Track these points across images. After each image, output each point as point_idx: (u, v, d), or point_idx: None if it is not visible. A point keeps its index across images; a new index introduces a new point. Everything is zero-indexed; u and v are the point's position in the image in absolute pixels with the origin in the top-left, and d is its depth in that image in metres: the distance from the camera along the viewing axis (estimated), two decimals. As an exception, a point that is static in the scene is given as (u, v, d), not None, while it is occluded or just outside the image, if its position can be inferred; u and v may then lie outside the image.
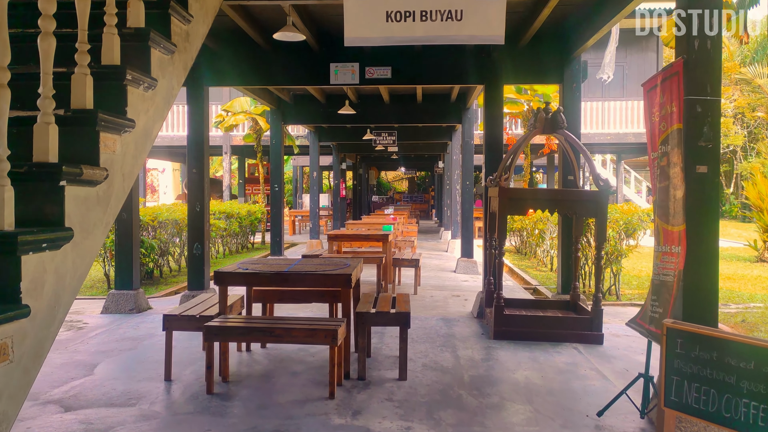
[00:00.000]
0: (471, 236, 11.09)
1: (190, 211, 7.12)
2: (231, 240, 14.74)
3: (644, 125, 4.53)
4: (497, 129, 7.19)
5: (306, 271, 4.63)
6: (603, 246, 5.92)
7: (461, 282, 9.89)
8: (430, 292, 8.73)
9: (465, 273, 10.86)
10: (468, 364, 5.13)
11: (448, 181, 18.28)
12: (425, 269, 11.30)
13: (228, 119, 16.05)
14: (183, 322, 4.58)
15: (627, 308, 7.97)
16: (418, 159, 28.27)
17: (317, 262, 5.20)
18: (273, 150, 11.17)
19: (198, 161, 7.12)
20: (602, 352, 5.56)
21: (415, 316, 6.93)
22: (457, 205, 15.19)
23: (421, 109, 11.24)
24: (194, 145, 7.14)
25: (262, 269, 4.70)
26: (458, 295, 8.56)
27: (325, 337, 4.17)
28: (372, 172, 35.82)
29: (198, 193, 7.11)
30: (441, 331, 6.31)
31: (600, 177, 5.88)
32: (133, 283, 7.11)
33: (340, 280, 4.56)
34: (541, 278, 10.81)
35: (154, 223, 9.85)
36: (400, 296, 5.40)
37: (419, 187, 42.04)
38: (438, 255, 14.00)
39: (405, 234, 14.34)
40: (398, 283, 9.39)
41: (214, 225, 12.54)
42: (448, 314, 7.18)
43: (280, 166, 11.14)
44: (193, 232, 7.12)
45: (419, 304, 7.80)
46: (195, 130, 7.16)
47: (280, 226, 11.10)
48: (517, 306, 6.77)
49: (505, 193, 5.92)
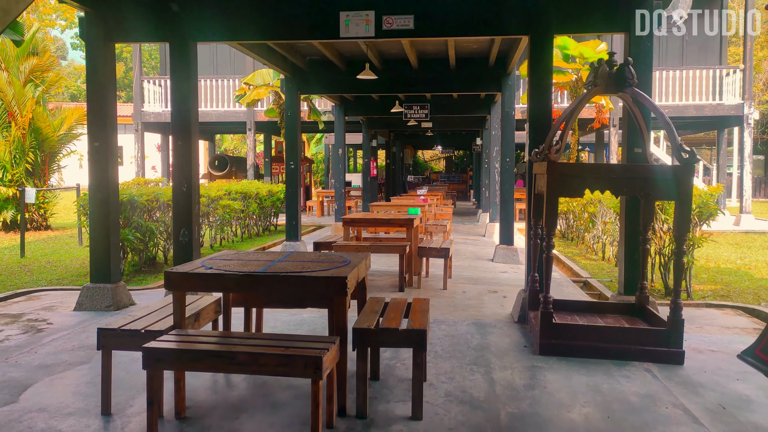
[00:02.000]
0: (511, 220, 9.75)
1: (176, 190, 6.01)
2: (250, 222, 13.72)
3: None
4: (544, 94, 5.83)
5: (285, 272, 3.43)
6: (686, 237, 4.55)
7: (499, 273, 8.58)
8: (462, 287, 7.46)
9: (504, 262, 9.54)
10: (506, 393, 3.87)
11: (487, 160, 16.85)
12: (459, 257, 10.02)
13: (250, 93, 14.95)
14: (124, 338, 3.44)
15: (703, 310, 6.56)
16: (454, 136, 26.76)
17: (310, 258, 4.00)
18: (288, 123, 10.00)
19: (183, 132, 5.99)
20: (685, 377, 4.23)
21: (441, 320, 5.69)
22: (496, 185, 13.81)
23: (455, 75, 9.87)
24: (178, 113, 6.00)
25: (230, 269, 3.52)
26: (495, 290, 7.27)
27: (305, 367, 2.98)
28: (407, 151, 34.44)
29: (184, 170, 5.99)
30: (472, 341, 5.05)
31: (683, 147, 4.49)
32: (111, 276, 6.06)
33: (331, 286, 3.35)
34: (592, 269, 9.42)
35: (154, 204, 8.82)
36: (416, 303, 4.16)
37: (457, 167, 40.46)
38: (474, 240, 12.68)
39: (438, 216, 13.03)
40: (426, 274, 8.15)
41: (229, 206, 11.49)
42: (482, 317, 5.91)
43: (296, 140, 9.96)
44: (180, 216, 6.01)
45: (448, 302, 6.55)
46: (180, 95, 6.02)
47: (296, 209, 9.96)
48: (568, 309, 5.46)
49: (555, 168, 4.59)
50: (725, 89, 16.93)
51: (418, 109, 13.56)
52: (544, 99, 5.82)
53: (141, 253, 8.73)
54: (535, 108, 5.83)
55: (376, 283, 7.59)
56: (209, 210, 11.06)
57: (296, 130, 9.96)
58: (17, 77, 13.02)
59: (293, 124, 9.96)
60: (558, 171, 4.59)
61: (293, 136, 9.98)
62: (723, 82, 16.96)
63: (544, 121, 5.80)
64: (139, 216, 8.32)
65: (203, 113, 18.30)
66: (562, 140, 4.74)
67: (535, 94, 5.84)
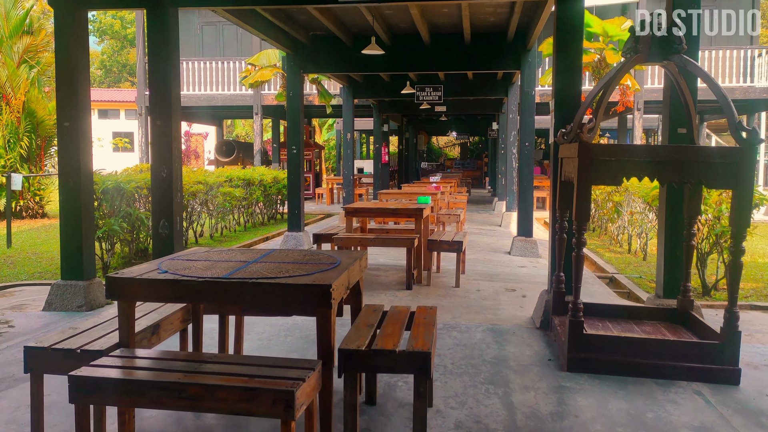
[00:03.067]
0: (529, 210, 9.00)
1: (154, 177, 5.34)
2: (255, 210, 13.09)
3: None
4: (573, 68, 5.06)
5: (255, 279, 2.75)
6: (745, 232, 3.80)
7: (517, 268, 7.85)
8: (476, 284, 6.75)
9: (522, 255, 8.81)
10: (530, 425, 3.18)
11: (503, 145, 16.05)
12: (474, 249, 9.30)
13: (253, 74, 14.24)
14: (56, 360, 2.78)
15: (749, 314, 5.81)
16: (469, 121, 25.89)
17: (293, 258, 3.32)
18: (290, 104, 9.30)
19: (163, 110, 5.31)
20: (743, 402, 3.50)
21: (452, 325, 4.99)
22: (513, 172, 13.03)
23: (470, 51, 9.09)
24: (157, 89, 5.31)
25: (189, 273, 2.85)
26: (513, 288, 6.55)
27: (273, 404, 2.30)
28: (421, 137, 33.60)
29: (164, 154, 5.31)
30: (488, 352, 4.35)
31: (742, 126, 3.73)
32: (84, 271, 5.43)
33: (312, 296, 2.67)
34: (618, 263, 8.66)
35: (143, 191, 8.20)
36: (421, 313, 3.46)
37: (472, 153, 39.53)
38: (490, 231, 11.94)
39: (451, 205, 12.30)
40: (437, 269, 7.45)
41: (230, 194, 10.86)
42: (499, 321, 5.20)
43: (298, 123, 9.26)
44: (159, 206, 5.35)
45: (460, 303, 5.85)
46: (158, 67, 5.33)
47: (298, 197, 9.28)
48: (598, 314, 4.74)
49: (588, 151, 3.85)
50: (756, 71, 15.94)
51: (431, 91, 12.79)
52: (572, 71, 5.06)
53: (130, 244, 8.12)
54: (562, 76, 5.08)
55: (381, 279, 6.91)
56: (208, 198, 10.42)
57: (298, 111, 9.26)
58: (10, 57, 12.44)
59: (295, 106, 9.26)
60: (591, 154, 3.85)
61: (295, 119, 9.28)
62: (754, 63, 15.97)
63: (571, 93, 5.04)
64: (127, 204, 7.69)
65: (209, 96, 17.66)
66: (596, 117, 3.99)
67: (563, 64, 5.08)
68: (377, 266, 7.77)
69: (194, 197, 9.87)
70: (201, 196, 10.13)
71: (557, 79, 5.11)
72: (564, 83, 5.08)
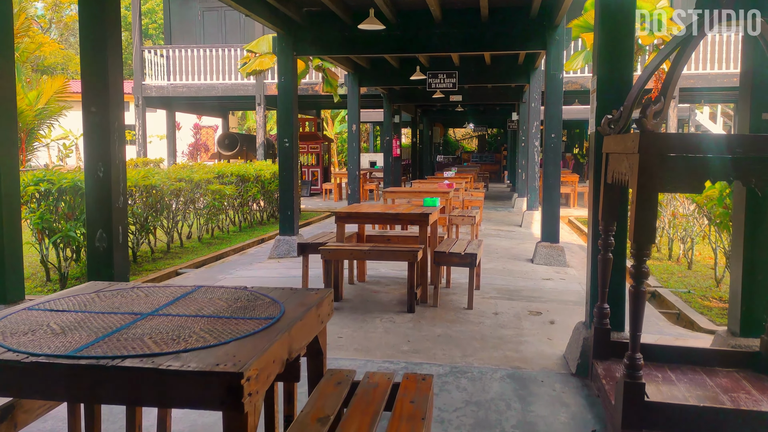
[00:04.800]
0: (555, 211, 7.82)
1: (89, 177, 4.26)
2: (253, 208, 12.03)
3: None
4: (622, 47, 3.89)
5: (121, 357, 1.64)
6: None
7: (542, 282, 6.68)
8: (493, 304, 5.60)
9: (546, 264, 7.63)
10: None
11: (524, 137, 14.81)
12: (491, 255, 8.15)
13: (252, 62, 13.15)
14: None
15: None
16: (488, 112, 24.57)
17: (218, 305, 2.21)
18: (282, 91, 8.20)
19: (97, 92, 4.22)
20: None
21: (462, 369, 3.86)
22: (535, 166, 11.81)
23: (488, 30, 7.91)
24: (89, 64, 4.22)
25: (21, 347, 1.75)
26: (539, 311, 5.39)
27: None
28: (437, 129, 32.36)
29: (101, 149, 4.23)
30: (509, 416, 3.21)
31: None
32: (8, 293, 4.38)
33: (209, 390, 1.56)
34: (659, 272, 7.46)
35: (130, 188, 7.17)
36: (408, 388, 2.33)
37: (490, 146, 38.16)
38: (509, 232, 10.75)
39: (466, 204, 11.13)
40: (446, 283, 6.31)
41: (219, 191, 9.81)
42: (522, 362, 4.06)
43: (291, 112, 8.16)
44: (95, 212, 4.28)
45: (473, 332, 4.71)
46: (90, 31, 4.22)
47: (292, 196, 8.18)
48: (653, 357, 3.58)
49: (655, 144, 2.68)
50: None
51: (444, 78, 11.60)
52: (621, 45, 3.88)
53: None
54: (606, 65, 3.90)
55: (380, 297, 5.79)
56: (194, 196, 9.38)
57: (291, 99, 8.15)
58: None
59: (288, 93, 8.15)
60: (660, 148, 2.69)
61: (288, 107, 8.18)
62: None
63: (619, 83, 3.86)
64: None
65: (209, 86, 16.64)
66: (665, 96, 2.82)
67: (609, 38, 3.90)
68: (377, 279, 6.65)
69: (177, 196, 8.84)
70: (185, 194, 9.09)
71: (600, 64, 3.92)
72: (609, 67, 3.90)
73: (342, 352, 4.19)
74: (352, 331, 4.67)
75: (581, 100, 19.72)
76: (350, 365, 3.89)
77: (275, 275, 6.99)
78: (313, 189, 19.10)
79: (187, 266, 7.87)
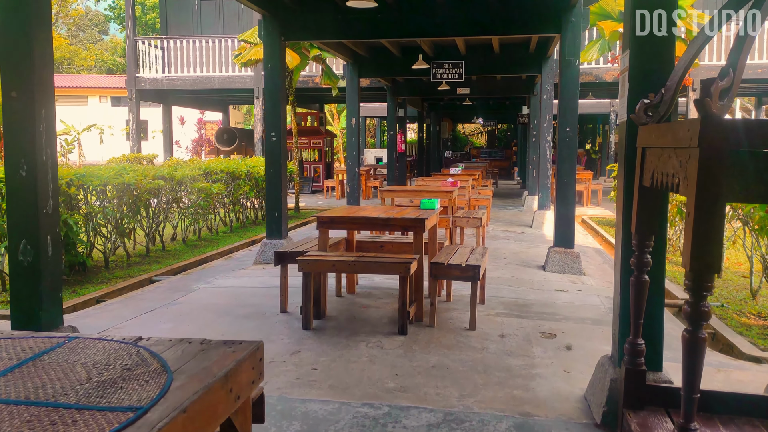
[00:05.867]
0: (570, 212, 7.03)
1: (9, 177, 3.54)
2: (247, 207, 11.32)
3: None
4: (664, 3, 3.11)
5: None
6: None
7: (555, 294, 5.90)
8: (499, 323, 4.83)
9: (560, 272, 6.85)
10: None
11: (535, 132, 13.98)
12: (498, 261, 7.38)
13: (246, 52, 12.43)
14: None
15: None
16: (497, 107, 23.71)
17: (73, 380, 1.46)
18: (268, 80, 7.45)
19: (19, 74, 3.49)
20: None
21: (458, 416, 3.10)
22: (547, 163, 11.01)
23: (497, 10, 7.11)
24: (10, 39, 3.49)
25: None
26: (553, 332, 4.61)
27: None
28: (445, 123, 31.52)
29: (23, 142, 3.50)
30: (516, 492, 2.46)
31: None
32: None
33: None
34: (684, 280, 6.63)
35: (72, 190, 6.49)
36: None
37: (500, 142, 37.25)
38: (519, 234, 9.96)
39: (473, 203, 10.36)
40: (446, 297, 5.55)
41: (205, 189, 9.09)
42: (534, 405, 3.29)
43: (278, 104, 7.41)
44: (17, 218, 3.56)
45: (474, 361, 3.95)
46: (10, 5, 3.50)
47: (279, 196, 7.44)
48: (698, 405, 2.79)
49: (722, 133, 1.91)
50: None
51: (450, 68, 10.81)
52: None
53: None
54: (640, 49, 3.12)
55: (369, 314, 5.05)
56: (176, 196, 8.67)
57: (278, 89, 7.40)
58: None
59: (274, 82, 7.41)
60: (730, 139, 1.91)
61: (275, 98, 7.43)
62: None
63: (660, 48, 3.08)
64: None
65: (205, 79, 15.93)
66: (734, 68, 2.04)
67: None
68: (369, 290, 5.91)
69: (156, 195, 8.13)
70: (166, 193, 8.38)
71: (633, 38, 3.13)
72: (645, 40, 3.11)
73: (313, 390, 3.45)
74: (331, 361, 3.93)
75: (595, 93, 18.85)
76: (321, 411, 3.15)
77: (257, 284, 6.26)
78: (315, 186, 18.37)
79: (164, 272, 7.17)
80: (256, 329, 4.62)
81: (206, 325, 4.78)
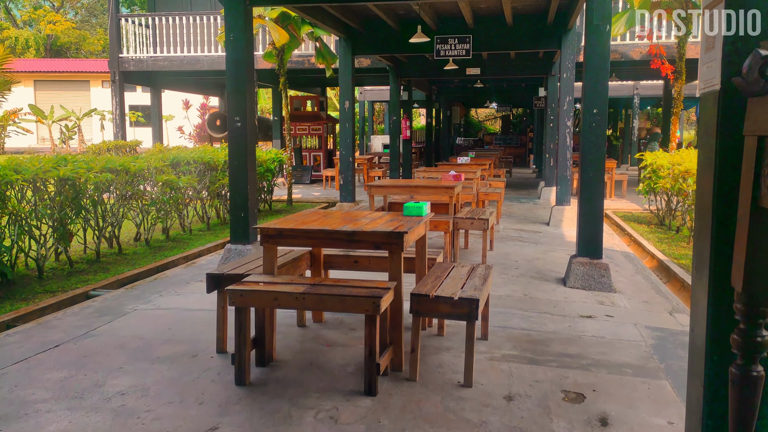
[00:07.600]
0: (598, 214, 5.71)
1: None
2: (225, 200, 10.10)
3: None
4: None
5: None
6: None
7: (580, 322, 4.60)
8: (505, 374, 3.56)
9: (585, 288, 5.55)
10: None
11: (552, 116, 12.58)
12: (509, 273, 6.09)
13: (230, 27, 11.14)
14: None
15: None
16: (512, 90, 22.20)
17: None
18: (230, 54, 6.19)
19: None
20: None
21: None
22: (567, 152, 9.66)
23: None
24: None
25: None
26: (579, 390, 3.33)
27: None
28: (456, 108, 30.04)
29: None
30: None
31: None
32: None
33: None
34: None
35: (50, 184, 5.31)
36: None
37: (515, 127, 35.66)
38: (533, 233, 8.64)
39: (481, 198, 9.05)
40: (439, 330, 4.27)
41: (169, 183, 7.88)
42: None
43: (243, 84, 6.15)
44: None
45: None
46: None
47: (246, 192, 6.20)
48: None
49: None
50: None
51: (456, 43, 9.49)
52: None
53: None
54: None
55: (331, 358, 3.80)
56: (134, 190, 7.47)
57: (244, 65, 6.15)
58: None
59: (238, 57, 6.16)
60: None
61: (240, 76, 6.18)
62: None
63: None
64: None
65: (193, 59, 14.71)
66: None
67: None
68: (340, 318, 4.65)
69: (106, 191, 6.94)
70: (126, 187, 7.18)
71: None
72: None
73: None
74: None
75: (620, 74, 17.34)
76: None
77: (205, 305, 5.03)
78: (314, 175, 17.13)
79: (107, 284, 5.98)
80: (171, 384, 3.39)
81: (108, 374, 3.56)
